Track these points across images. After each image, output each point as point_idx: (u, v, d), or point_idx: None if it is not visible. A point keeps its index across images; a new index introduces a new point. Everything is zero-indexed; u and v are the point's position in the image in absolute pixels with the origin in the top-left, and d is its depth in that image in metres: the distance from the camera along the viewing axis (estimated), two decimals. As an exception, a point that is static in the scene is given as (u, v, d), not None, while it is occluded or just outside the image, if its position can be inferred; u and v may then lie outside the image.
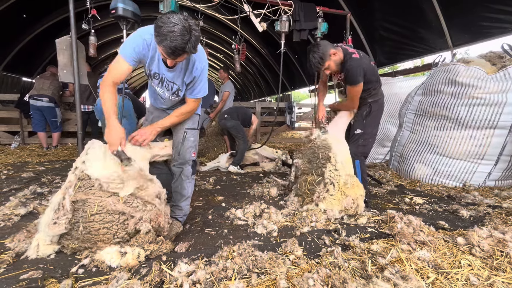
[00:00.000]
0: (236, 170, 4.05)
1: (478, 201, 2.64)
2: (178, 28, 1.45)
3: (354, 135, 2.55)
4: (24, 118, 5.85)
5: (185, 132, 1.99)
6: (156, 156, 2.06)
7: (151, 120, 2.16)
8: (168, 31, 1.44)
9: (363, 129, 2.51)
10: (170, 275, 1.37)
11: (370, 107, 2.52)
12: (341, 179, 2.25)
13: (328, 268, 1.42)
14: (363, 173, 2.51)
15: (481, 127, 3.08)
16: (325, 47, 2.27)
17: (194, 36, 1.51)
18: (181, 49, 1.49)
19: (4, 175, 3.48)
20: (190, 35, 1.48)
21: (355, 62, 2.31)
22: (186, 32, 1.47)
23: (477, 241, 1.63)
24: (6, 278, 1.38)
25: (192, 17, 1.56)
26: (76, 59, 3.21)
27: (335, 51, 2.30)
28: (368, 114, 2.52)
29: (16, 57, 7.39)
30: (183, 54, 1.55)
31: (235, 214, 2.29)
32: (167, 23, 1.45)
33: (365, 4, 5.29)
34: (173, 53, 1.51)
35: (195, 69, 1.80)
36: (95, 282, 1.36)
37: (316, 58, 2.26)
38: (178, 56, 1.56)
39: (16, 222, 2.09)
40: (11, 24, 6.55)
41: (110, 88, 1.70)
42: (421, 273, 1.39)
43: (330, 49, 2.28)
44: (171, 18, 1.46)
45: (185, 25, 1.47)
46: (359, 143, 2.52)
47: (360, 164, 2.51)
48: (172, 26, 1.45)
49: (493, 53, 3.43)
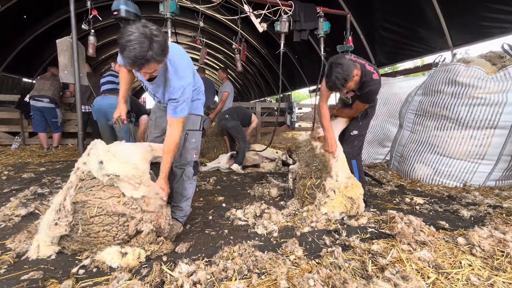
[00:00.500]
0: (239, 169, 4.05)
1: (478, 201, 2.64)
2: (135, 36, 1.35)
3: (350, 136, 2.58)
4: (25, 119, 5.86)
5: (186, 133, 1.99)
6: (157, 158, 2.07)
7: (154, 119, 2.18)
8: (126, 41, 1.36)
9: (358, 131, 2.56)
10: (170, 275, 1.37)
11: (366, 111, 2.57)
12: (342, 184, 2.25)
13: (328, 268, 1.42)
14: (360, 172, 2.53)
15: (481, 127, 3.08)
16: (349, 67, 2.13)
17: (155, 43, 1.39)
18: (142, 58, 1.38)
19: (4, 176, 3.48)
20: (150, 41, 1.38)
21: (377, 86, 2.28)
22: (145, 39, 1.37)
23: (477, 241, 1.63)
24: (7, 279, 1.38)
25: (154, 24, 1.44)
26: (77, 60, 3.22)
27: (357, 72, 2.21)
28: (364, 116, 2.58)
29: (16, 58, 7.41)
30: (147, 64, 1.43)
31: (236, 214, 2.29)
32: (125, 33, 1.37)
33: (365, 4, 5.30)
34: (134, 63, 1.41)
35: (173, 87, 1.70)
36: (95, 282, 1.37)
37: (340, 79, 2.11)
38: (142, 66, 1.44)
39: (16, 222, 2.09)
40: (12, 25, 6.56)
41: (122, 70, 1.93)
42: (422, 273, 1.39)
43: (354, 70, 2.17)
44: (128, 27, 1.37)
45: (143, 32, 1.37)
46: (354, 144, 2.56)
47: (357, 163, 2.54)
48: (129, 35, 1.36)
49: (493, 53, 3.43)
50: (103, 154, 1.62)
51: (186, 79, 1.73)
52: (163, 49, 1.45)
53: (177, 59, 1.71)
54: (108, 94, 3.80)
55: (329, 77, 2.15)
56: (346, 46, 4.65)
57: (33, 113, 5.31)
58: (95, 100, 3.87)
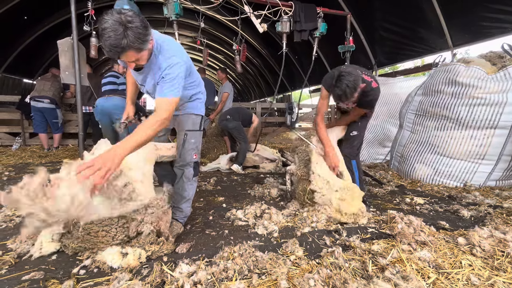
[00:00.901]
0: (239, 169, 4.05)
1: (479, 201, 2.64)
2: (109, 24, 1.31)
3: (350, 137, 2.60)
4: (25, 119, 5.87)
5: (186, 134, 1.96)
6: (163, 157, 2.08)
7: None
8: (101, 29, 1.32)
9: (358, 131, 2.58)
10: (171, 275, 1.37)
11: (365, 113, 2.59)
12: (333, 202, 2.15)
13: (329, 269, 1.42)
14: (360, 172, 2.54)
15: (481, 127, 3.08)
16: (357, 79, 2.11)
17: (130, 29, 1.33)
18: (116, 46, 1.33)
19: (5, 177, 3.49)
20: (124, 27, 1.32)
21: (377, 93, 2.33)
22: (119, 26, 1.31)
23: (478, 241, 1.63)
24: (8, 279, 1.39)
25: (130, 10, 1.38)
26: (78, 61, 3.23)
27: (363, 84, 2.23)
28: (363, 117, 2.59)
29: (17, 59, 7.43)
30: (123, 52, 1.38)
31: (236, 214, 2.29)
32: (101, 21, 1.32)
33: (365, 4, 5.30)
34: (110, 51, 1.36)
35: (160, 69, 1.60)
36: (96, 283, 1.37)
37: (349, 91, 2.09)
38: (118, 54, 1.39)
39: (17, 223, 2.09)
40: (12, 26, 6.58)
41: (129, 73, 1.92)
42: (422, 273, 1.39)
43: (361, 82, 2.17)
44: (104, 15, 1.33)
45: (117, 19, 1.31)
46: (354, 144, 2.57)
47: (357, 163, 2.55)
48: (104, 23, 1.31)
49: (493, 53, 3.43)
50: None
51: (174, 58, 1.60)
52: (140, 36, 1.38)
53: (165, 44, 1.63)
54: (111, 95, 3.81)
55: (338, 86, 2.09)
56: (347, 46, 4.65)
57: (34, 114, 5.32)
58: (97, 101, 3.88)
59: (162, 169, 2.17)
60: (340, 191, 2.22)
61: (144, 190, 1.72)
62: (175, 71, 1.58)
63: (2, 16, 5.96)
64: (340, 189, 2.23)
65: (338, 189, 2.22)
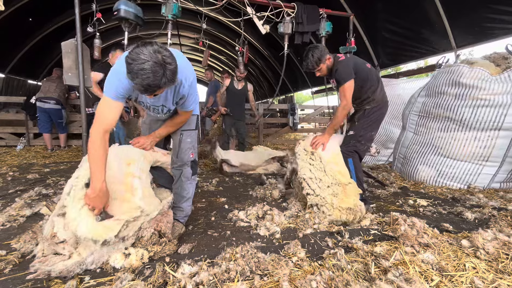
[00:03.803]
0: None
1: (483, 203, 2.62)
2: (149, 65, 1.32)
3: (346, 137, 2.64)
4: (30, 120, 5.94)
5: (181, 134, 1.99)
6: (157, 162, 2.11)
7: (148, 122, 2.22)
8: (138, 68, 1.32)
9: (354, 131, 2.59)
10: (173, 276, 1.38)
11: (364, 111, 2.59)
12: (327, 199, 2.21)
13: (331, 270, 1.42)
14: (357, 171, 2.51)
15: (485, 128, 3.06)
16: (323, 50, 2.48)
17: (169, 70, 1.37)
18: (155, 86, 1.38)
19: (10, 177, 3.52)
20: (164, 69, 1.35)
21: (342, 62, 2.49)
22: (159, 68, 1.34)
23: (482, 244, 1.62)
24: (12, 279, 1.40)
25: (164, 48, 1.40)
26: (81, 62, 3.25)
27: (329, 57, 2.52)
28: (361, 117, 2.60)
29: (21, 60, 7.50)
30: (159, 90, 1.44)
31: (238, 215, 2.29)
32: (137, 59, 1.32)
33: (367, 5, 5.29)
34: (147, 90, 1.40)
35: (183, 87, 1.72)
36: (99, 283, 1.38)
37: (314, 58, 2.45)
38: (153, 92, 1.45)
39: (21, 223, 2.11)
40: (17, 28, 6.65)
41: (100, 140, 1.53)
42: (425, 276, 1.38)
43: (327, 54, 2.50)
44: (140, 54, 1.33)
45: (157, 61, 1.33)
46: (350, 143, 2.57)
47: (353, 162, 2.52)
48: (142, 63, 1.31)
49: (497, 54, 3.41)
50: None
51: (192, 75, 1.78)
52: (175, 74, 1.44)
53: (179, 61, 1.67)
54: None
55: (305, 58, 2.48)
56: (349, 47, 4.64)
57: (39, 114, 5.39)
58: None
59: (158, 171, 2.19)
60: (332, 186, 2.29)
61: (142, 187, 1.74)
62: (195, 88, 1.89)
63: (7, 18, 6.03)
64: (332, 184, 2.30)
65: (330, 185, 2.29)
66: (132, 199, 1.69)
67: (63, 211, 1.52)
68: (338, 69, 2.46)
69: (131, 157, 1.87)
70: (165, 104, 1.84)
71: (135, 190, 1.72)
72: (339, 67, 2.46)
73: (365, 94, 2.56)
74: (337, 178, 2.34)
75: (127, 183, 1.73)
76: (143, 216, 1.67)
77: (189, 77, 1.72)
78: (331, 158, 2.46)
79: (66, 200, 1.52)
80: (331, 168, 2.38)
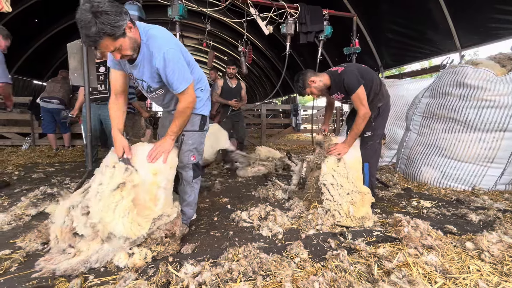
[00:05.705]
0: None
1: (487, 205, 2.59)
2: (79, 14, 1.31)
3: (364, 138, 2.57)
4: (35, 120, 6.01)
5: (183, 135, 1.91)
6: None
7: (161, 120, 2.20)
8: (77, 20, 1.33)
9: (372, 131, 2.54)
10: (176, 276, 1.39)
11: (378, 109, 2.56)
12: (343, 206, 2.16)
13: (333, 272, 1.42)
14: (371, 176, 2.50)
15: (490, 129, 3.03)
16: (305, 75, 2.51)
17: (99, 17, 1.30)
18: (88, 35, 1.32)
19: (15, 176, 3.56)
20: (92, 14, 1.29)
21: (345, 72, 2.44)
22: (88, 14, 1.29)
23: (486, 246, 1.61)
24: (17, 277, 1.42)
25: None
26: (86, 63, 3.28)
27: (313, 79, 2.50)
28: (376, 116, 2.56)
29: (27, 61, 7.60)
30: (99, 41, 1.36)
31: (241, 216, 2.29)
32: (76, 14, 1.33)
33: (371, 6, 5.28)
34: (85, 42, 1.36)
35: (155, 59, 1.57)
36: (103, 282, 1.39)
37: (299, 83, 2.55)
38: (96, 44, 1.38)
39: (27, 222, 2.14)
40: (23, 29, 6.74)
41: (112, 101, 1.81)
42: (429, 278, 1.37)
43: (310, 77, 2.50)
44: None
45: (86, 8, 1.30)
46: (367, 145, 2.54)
47: (369, 167, 2.50)
48: (76, 15, 1.32)
49: (502, 55, 3.37)
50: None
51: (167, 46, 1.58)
52: (111, 21, 1.34)
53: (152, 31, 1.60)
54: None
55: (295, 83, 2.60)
56: (353, 48, 4.63)
57: (43, 114, 5.45)
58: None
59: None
60: (351, 194, 2.22)
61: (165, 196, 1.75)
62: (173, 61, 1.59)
63: (13, 19, 6.11)
64: (352, 192, 2.23)
65: (350, 192, 2.23)
66: (154, 208, 1.69)
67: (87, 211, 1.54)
68: (344, 80, 2.40)
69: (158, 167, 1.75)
70: (144, 78, 1.70)
71: (158, 200, 1.71)
72: (345, 77, 2.40)
73: (373, 93, 2.52)
74: (358, 185, 2.28)
75: (152, 192, 1.69)
76: (165, 216, 1.70)
77: (162, 48, 1.56)
78: (353, 164, 2.39)
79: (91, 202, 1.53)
80: (353, 174, 2.32)
